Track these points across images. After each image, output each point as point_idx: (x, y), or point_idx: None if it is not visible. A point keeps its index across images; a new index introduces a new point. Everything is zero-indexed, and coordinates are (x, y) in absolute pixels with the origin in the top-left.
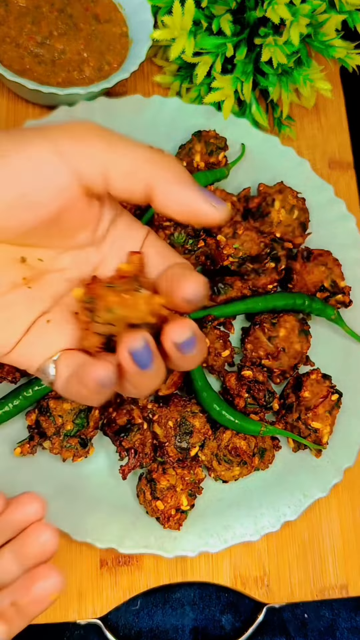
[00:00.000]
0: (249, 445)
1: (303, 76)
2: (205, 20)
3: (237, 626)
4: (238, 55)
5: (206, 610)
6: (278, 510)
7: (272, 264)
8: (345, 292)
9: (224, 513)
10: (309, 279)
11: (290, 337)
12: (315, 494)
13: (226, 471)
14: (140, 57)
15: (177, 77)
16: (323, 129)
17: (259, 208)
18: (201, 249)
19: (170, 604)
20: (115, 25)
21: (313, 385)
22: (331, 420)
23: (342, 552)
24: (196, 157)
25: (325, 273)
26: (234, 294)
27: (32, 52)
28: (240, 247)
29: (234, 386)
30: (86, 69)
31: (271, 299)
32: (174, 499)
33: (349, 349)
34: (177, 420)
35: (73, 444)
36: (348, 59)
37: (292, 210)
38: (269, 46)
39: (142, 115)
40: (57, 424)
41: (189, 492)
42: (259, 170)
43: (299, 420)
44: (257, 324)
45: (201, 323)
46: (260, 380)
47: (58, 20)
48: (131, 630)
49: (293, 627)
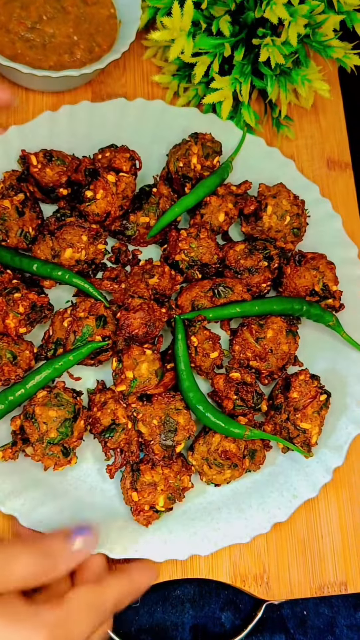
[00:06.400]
0: (239, 447)
1: (301, 76)
2: (204, 21)
3: (236, 624)
4: (236, 55)
5: (206, 607)
6: (268, 512)
7: (265, 262)
8: (336, 296)
9: (213, 516)
10: (300, 283)
11: (278, 338)
12: (305, 495)
13: (217, 475)
14: (130, 38)
15: (176, 77)
16: (321, 129)
17: (254, 212)
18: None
19: (170, 602)
20: (103, 7)
21: (301, 386)
22: (320, 421)
23: (342, 549)
24: (193, 159)
25: (317, 277)
26: (235, 297)
27: (22, 36)
28: (195, 248)
29: (222, 388)
30: (77, 52)
31: (268, 303)
32: (151, 496)
33: (338, 349)
34: (161, 418)
35: (55, 452)
36: (346, 59)
37: (284, 217)
38: (267, 46)
39: (127, 118)
40: (41, 431)
41: (168, 495)
42: (244, 171)
43: (287, 420)
44: (245, 326)
45: (191, 323)
46: (248, 382)
47: (47, 4)
48: (131, 627)
49: (292, 624)
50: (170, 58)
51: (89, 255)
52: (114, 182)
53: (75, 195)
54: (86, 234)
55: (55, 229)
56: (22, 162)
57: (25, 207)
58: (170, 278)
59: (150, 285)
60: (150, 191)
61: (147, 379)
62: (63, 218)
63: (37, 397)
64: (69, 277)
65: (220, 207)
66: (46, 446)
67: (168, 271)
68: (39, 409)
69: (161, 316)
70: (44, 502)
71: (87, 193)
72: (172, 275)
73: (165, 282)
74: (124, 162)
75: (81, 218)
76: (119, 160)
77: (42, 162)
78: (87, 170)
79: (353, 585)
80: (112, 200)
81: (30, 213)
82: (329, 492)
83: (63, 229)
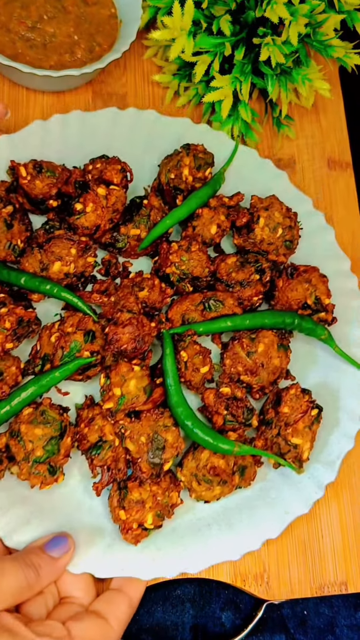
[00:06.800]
0: (228, 463)
1: (302, 76)
2: (204, 21)
3: (237, 623)
4: (237, 54)
5: (206, 607)
6: (259, 528)
7: (257, 275)
8: (329, 309)
9: (204, 533)
10: (292, 296)
11: (269, 352)
12: (297, 511)
13: (207, 491)
14: (131, 37)
15: (176, 77)
16: (322, 129)
17: (247, 224)
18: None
19: (171, 601)
20: (104, 7)
21: (292, 401)
22: (311, 436)
23: (342, 549)
24: (185, 171)
25: (309, 290)
26: (226, 311)
27: (23, 36)
28: (186, 261)
29: (212, 403)
30: (77, 51)
31: (259, 317)
32: (140, 514)
33: (329, 362)
34: (149, 435)
35: (41, 471)
36: (347, 59)
37: (276, 229)
38: (267, 46)
39: (119, 128)
40: (27, 449)
41: (157, 513)
42: (236, 182)
43: (278, 436)
44: (236, 339)
45: (180, 337)
46: (239, 397)
47: (47, 4)
48: (131, 627)
49: (293, 624)
50: (171, 57)
51: (78, 268)
52: (105, 195)
53: (65, 207)
54: (75, 247)
55: (43, 242)
56: (12, 172)
57: (14, 220)
58: (160, 291)
59: (140, 298)
60: (141, 203)
61: (135, 396)
62: (52, 230)
63: (23, 414)
64: (57, 291)
65: (212, 219)
66: (32, 465)
67: (158, 284)
68: (24, 427)
69: (150, 330)
70: (29, 520)
71: (77, 206)
72: (162, 288)
73: (155, 295)
74: (114, 174)
75: (70, 231)
76: (110, 172)
77: (32, 173)
78: (77, 182)
79: (353, 585)
80: (102, 214)
81: (19, 225)
82: (329, 492)
83: (52, 242)
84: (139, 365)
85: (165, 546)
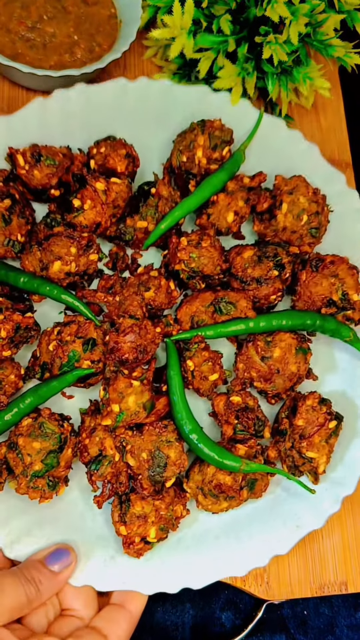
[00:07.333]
0: (235, 480)
1: (302, 74)
2: (204, 20)
3: (237, 624)
4: (240, 51)
5: (206, 607)
6: (268, 543)
7: (276, 271)
8: (356, 307)
9: (209, 546)
10: (315, 291)
11: (286, 358)
12: (310, 525)
13: (213, 505)
14: (131, 37)
15: (176, 76)
16: (322, 129)
17: (269, 209)
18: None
19: (171, 601)
20: (104, 7)
21: (308, 412)
22: (328, 449)
23: (342, 549)
24: (198, 152)
25: (336, 285)
26: (238, 314)
27: (23, 36)
28: (195, 258)
29: (222, 412)
30: (77, 51)
31: (276, 318)
32: (142, 528)
33: (351, 366)
34: (151, 451)
35: (40, 485)
36: (347, 58)
37: (300, 216)
38: (270, 44)
39: (126, 101)
40: (25, 463)
41: (160, 526)
42: (259, 158)
43: (292, 449)
44: (250, 341)
45: (187, 345)
46: (250, 406)
47: (47, 4)
48: None
49: (293, 624)
50: (171, 56)
51: (80, 267)
52: (104, 190)
53: (65, 200)
54: (75, 246)
55: (43, 239)
56: (10, 159)
57: (12, 214)
58: (167, 293)
59: (146, 300)
60: (149, 191)
61: (134, 412)
62: (53, 224)
63: (22, 426)
64: (57, 293)
65: (229, 207)
66: (30, 479)
67: (165, 285)
68: (22, 440)
69: (154, 337)
70: (30, 531)
71: (75, 202)
72: (169, 290)
73: (162, 297)
74: (119, 162)
75: (70, 227)
76: (114, 159)
77: (30, 162)
78: (75, 175)
79: (353, 585)
80: (101, 211)
81: (19, 219)
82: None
83: (50, 240)
84: (139, 379)
85: (170, 559)
